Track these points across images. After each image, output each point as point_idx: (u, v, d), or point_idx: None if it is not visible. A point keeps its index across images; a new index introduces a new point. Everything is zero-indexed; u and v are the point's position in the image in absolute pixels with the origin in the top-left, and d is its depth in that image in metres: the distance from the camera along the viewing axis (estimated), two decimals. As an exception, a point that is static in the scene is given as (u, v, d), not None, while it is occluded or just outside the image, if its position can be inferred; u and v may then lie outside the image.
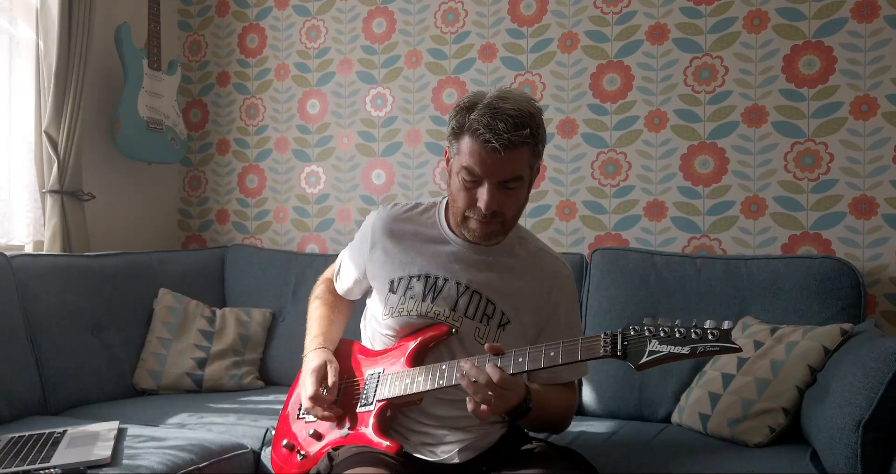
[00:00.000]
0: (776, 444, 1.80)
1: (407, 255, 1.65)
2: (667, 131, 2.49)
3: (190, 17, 3.18)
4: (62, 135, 2.51)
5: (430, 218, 1.68)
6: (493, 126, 1.44)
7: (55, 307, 2.28)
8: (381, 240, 1.68)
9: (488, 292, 1.60)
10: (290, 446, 1.68)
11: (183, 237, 3.20)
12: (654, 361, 1.30)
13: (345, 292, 1.84)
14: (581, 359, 1.37)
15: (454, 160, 1.54)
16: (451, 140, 1.53)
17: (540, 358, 1.39)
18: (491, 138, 1.44)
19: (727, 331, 1.27)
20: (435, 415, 1.59)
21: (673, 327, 1.30)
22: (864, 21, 2.28)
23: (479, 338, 1.58)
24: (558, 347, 1.38)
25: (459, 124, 1.50)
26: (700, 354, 1.27)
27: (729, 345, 1.26)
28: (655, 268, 2.23)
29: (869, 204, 2.27)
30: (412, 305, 1.61)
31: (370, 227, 1.72)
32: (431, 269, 1.62)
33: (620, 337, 1.33)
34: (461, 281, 1.60)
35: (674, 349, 1.28)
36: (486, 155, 1.46)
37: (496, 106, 1.46)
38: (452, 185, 1.55)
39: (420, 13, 2.81)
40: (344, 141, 2.92)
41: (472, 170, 1.49)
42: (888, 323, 2.24)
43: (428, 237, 1.66)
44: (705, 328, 1.28)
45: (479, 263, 1.62)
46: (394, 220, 1.69)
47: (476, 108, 1.48)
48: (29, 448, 1.71)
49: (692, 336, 1.28)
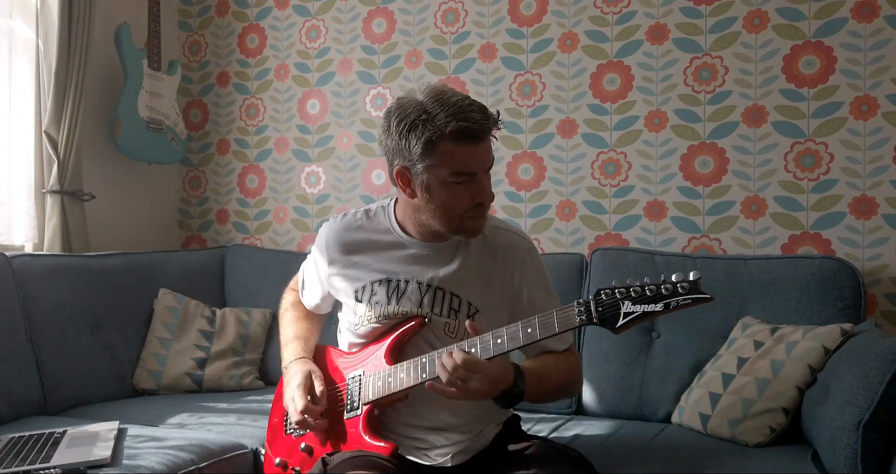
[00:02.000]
0: (776, 444, 1.80)
1: (365, 264, 1.64)
2: (667, 131, 2.49)
3: (190, 17, 3.18)
4: (62, 135, 2.51)
5: (381, 223, 1.66)
6: (470, 119, 1.42)
7: (55, 307, 2.28)
8: (336, 255, 1.67)
9: (452, 286, 1.59)
10: (283, 464, 1.67)
11: (183, 237, 3.20)
12: (630, 322, 1.31)
13: (313, 308, 1.83)
14: (559, 332, 1.37)
15: (432, 174, 1.47)
16: (422, 157, 1.45)
17: (518, 335, 1.39)
18: (475, 130, 1.43)
19: (695, 282, 1.28)
20: (425, 418, 1.58)
21: (643, 286, 1.31)
22: (864, 21, 2.28)
23: (449, 332, 1.58)
24: (534, 322, 1.38)
25: (429, 138, 1.43)
26: (674, 308, 1.29)
27: (700, 296, 1.28)
28: (655, 269, 2.23)
29: (869, 204, 2.27)
30: (379, 310, 1.60)
31: (324, 243, 1.69)
32: (391, 273, 1.61)
33: (594, 303, 1.33)
34: (422, 280, 1.59)
35: (647, 307, 1.30)
36: (473, 149, 1.45)
37: (452, 102, 1.44)
38: (439, 197, 1.49)
39: (420, 13, 2.81)
40: (344, 141, 2.92)
41: (463, 170, 1.46)
42: (888, 323, 2.24)
43: (382, 243, 1.64)
44: (674, 282, 1.29)
45: (438, 259, 1.60)
46: (345, 231, 1.67)
47: (433, 115, 1.43)
48: (29, 448, 1.71)
49: (663, 292, 1.29)
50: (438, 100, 1.44)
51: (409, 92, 1.51)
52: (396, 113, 1.48)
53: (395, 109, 1.49)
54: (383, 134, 1.51)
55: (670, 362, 2.13)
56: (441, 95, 1.45)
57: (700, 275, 1.29)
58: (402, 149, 1.47)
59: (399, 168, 1.50)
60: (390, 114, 1.49)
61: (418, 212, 1.55)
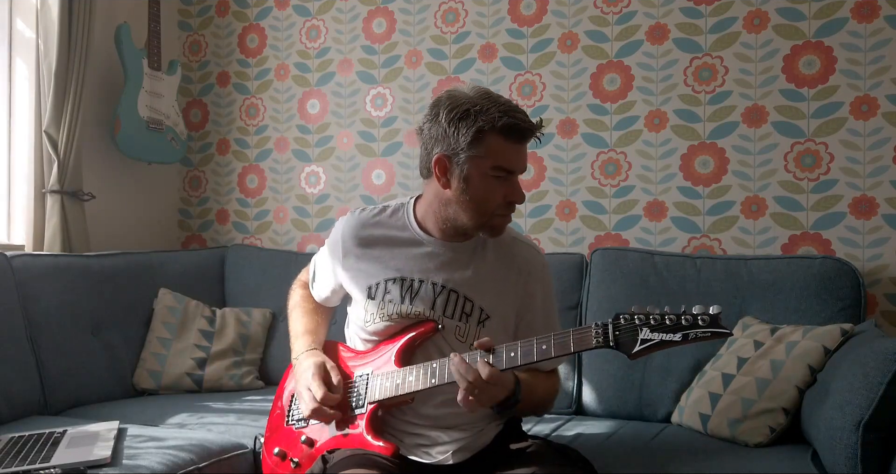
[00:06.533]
0: (776, 444, 1.80)
1: (380, 260, 1.64)
2: (667, 131, 2.49)
3: (190, 17, 3.18)
4: (62, 135, 2.51)
5: (400, 220, 1.66)
6: (520, 118, 1.47)
7: (55, 307, 2.28)
8: (352, 248, 1.67)
9: (465, 290, 1.59)
10: (282, 454, 1.66)
11: (183, 237, 3.20)
12: (646, 349, 1.30)
13: (322, 300, 1.82)
14: (574, 351, 1.37)
15: (474, 164, 1.48)
16: (469, 147, 1.47)
17: (532, 352, 1.39)
18: (523, 129, 1.47)
19: (716, 315, 1.29)
20: (427, 415, 1.58)
21: (663, 314, 1.31)
22: (864, 21, 2.28)
23: (459, 336, 1.58)
24: (550, 340, 1.38)
25: (479, 128, 1.46)
26: (692, 340, 1.28)
27: (719, 330, 1.28)
28: (655, 269, 2.23)
29: (869, 204, 2.27)
30: (391, 309, 1.60)
31: (339, 236, 1.70)
32: (406, 272, 1.61)
33: (612, 326, 1.33)
34: (437, 281, 1.59)
35: (665, 336, 1.29)
36: (517, 148, 1.50)
37: (503, 101, 1.49)
38: (477, 190, 1.50)
39: (420, 13, 2.81)
40: (344, 141, 2.92)
41: (505, 166, 1.49)
42: (888, 323, 2.24)
43: (399, 240, 1.64)
44: (695, 314, 1.29)
45: (454, 261, 1.61)
46: (362, 226, 1.67)
47: (486, 108, 1.47)
48: (29, 448, 1.71)
49: (683, 322, 1.29)
50: (489, 97, 1.49)
51: (458, 88, 1.54)
52: (447, 102, 1.50)
53: (445, 99, 1.52)
54: (428, 122, 1.53)
55: (670, 362, 2.13)
56: (491, 94, 1.51)
57: (721, 310, 1.29)
58: (449, 137, 1.49)
59: (439, 155, 1.51)
60: (440, 102, 1.52)
61: (447, 204, 1.56)
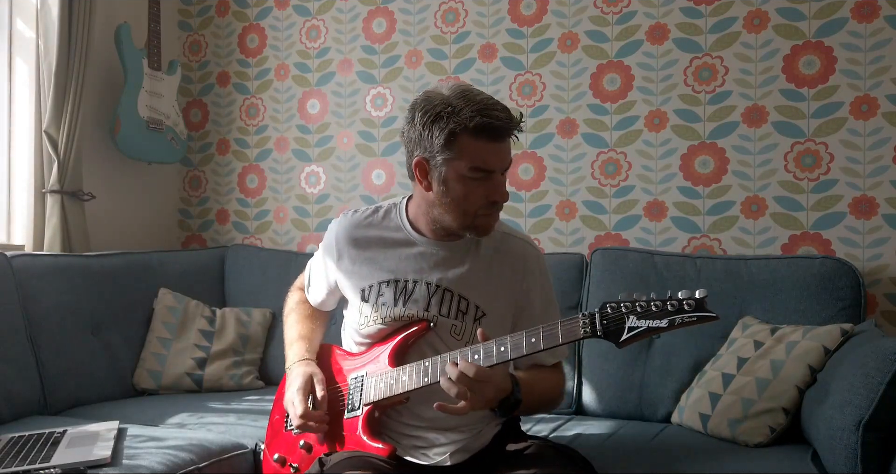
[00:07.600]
0: (776, 444, 1.80)
1: (374, 262, 1.64)
2: (667, 131, 2.49)
3: (190, 17, 3.18)
4: (62, 135, 2.51)
5: (393, 221, 1.66)
6: (493, 116, 1.44)
7: (55, 307, 2.28)
8: (346, 250, 1.67)
9: (460, 288, 1.59)
10: (281, 460, 1.67)
11: (183, 237, 3.20)
12: (634, 337, 1.30)
13: (318, 304, 1.82)
14: (563, 343, 1.37)
15: (450, 167, 1.48)
16: (443, 149, 1.47)
17: (522, 345, 1.39)
18: (498, 128, 1.45)
19: (702, 299, 1.28)
20: (424, 417, 1.58)
21: (649, 301, 1.31)
22: (864, 21, 2.28)
23: (455, 334, 1.58)
24: (538, 332, 1.38)
25: (452, 130, 1.45)
26: (678, 325, 1.28)
27: (705, 314, 1.27)
28: (655, 269, 2.23)
29: (869, 204, 2.27)
30: (385, 312, 1.60)
31: (333, 238, 1.70)
32: (400, 273, 1.61)
33: (598, 316, 1.33)
34: (431, 281, 1.59)
35: (652, 323, 1.29)
36: (493, 146, 1.47)
37: (478, 99, 1.46)
38: (455, 192, 1.50)
39: (420, 13, 2.81)
40: (344, 141, 2.92)
41: (481, 166, 1.48)
42: (888, 323, 2.24)
43: (392, 241, 1.64)
44: (681, 299, 1.29)
45: (448, 260, 1.61)
46: (356, 228, 1.68)
47: (458, 108, 1.45)
48: (29, 448, 1.71)
49: (668, 308, 1.29)
50: (465, 96, 1.47)
51: (436, 87, 1.53)
52: (422, 105, 1.50)
53: (420, 101, 1.51)
54: (406, 125, 1.53)
55: (670, 362, 2.13)
56: (467, 92, 1.49)
57: (707, 293, 1.29)
58: (424, 140, 1.49)
59: (418, 159, 1.52)
60: (416, 105, 1.51)
61: (432, 206, 1.56)
